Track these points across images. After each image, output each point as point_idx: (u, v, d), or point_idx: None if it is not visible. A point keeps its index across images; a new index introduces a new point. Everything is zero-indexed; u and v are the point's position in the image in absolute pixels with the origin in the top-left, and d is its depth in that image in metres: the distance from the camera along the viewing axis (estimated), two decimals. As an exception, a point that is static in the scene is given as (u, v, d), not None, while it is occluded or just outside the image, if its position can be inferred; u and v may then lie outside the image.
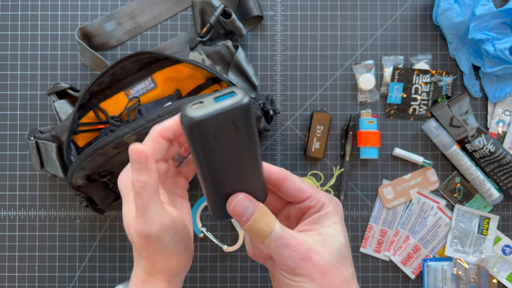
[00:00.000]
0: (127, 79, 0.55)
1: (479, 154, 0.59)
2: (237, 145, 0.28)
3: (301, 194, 0.34)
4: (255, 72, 0.57)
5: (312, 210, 0.34)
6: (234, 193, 0.31)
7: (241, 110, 0.26)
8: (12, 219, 0.61)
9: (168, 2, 0.61)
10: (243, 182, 0.30)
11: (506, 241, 0.61)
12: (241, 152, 0.28)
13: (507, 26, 0.57)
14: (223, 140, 0.27)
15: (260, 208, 0.31)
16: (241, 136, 0.27)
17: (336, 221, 0.33)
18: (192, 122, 0.25)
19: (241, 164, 0.29)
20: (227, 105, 0.26)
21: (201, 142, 0.26)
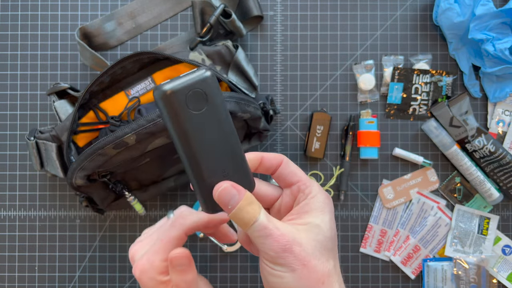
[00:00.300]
0: (127, 79, 0.55)
1: (479, 154, 0.59)
2: (211, 121, 0.30)
3: (293, 176, 0.35)
4: (255, 72, 0.57)
5: (300, 195, 0.34)
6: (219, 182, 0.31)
7: (205, 80, 0.29)
8: (12, 219, 0.61)
9: (168, 2, 0.61)
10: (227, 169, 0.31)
11: (506, 241, 0.61)
12: (217, 130, 0.30)
13: (507, 26, 0.57)
14: (196, 108, 0.29)
15: (245, 197, 0.31)
16: (213, 109, 0.30)
17: (323, 211, 0.33)
18: (165, 92, 0.28)
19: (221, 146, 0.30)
20: (192, 76, 0.29)
21: (176, 111, 0.29)
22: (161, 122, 0.46)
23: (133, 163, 0.52)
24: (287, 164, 0.35)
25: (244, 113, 0.51)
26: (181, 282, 0.35)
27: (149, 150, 0.49)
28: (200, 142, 0.30)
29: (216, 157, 0.31)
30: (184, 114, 0.29)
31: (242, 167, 0.32)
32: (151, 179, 0.57)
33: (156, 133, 0.47)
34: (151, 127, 0.46)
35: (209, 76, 0.29)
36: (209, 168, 0.31)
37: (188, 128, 0.29)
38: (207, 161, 0.30)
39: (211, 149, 0.30)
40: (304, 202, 0.34)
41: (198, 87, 0.29)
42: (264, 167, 0.35)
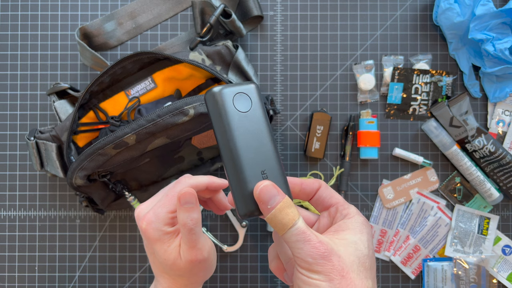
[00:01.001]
0: (127, 79, 0.55)
1: (479, 154, 0.59)
2: (253, 123, 0.33)
3: (331, 199, 0.36)
4: (255, 72, 0.57)
5: (338, 215, 0.35)
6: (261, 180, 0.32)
7: (250, 87, 0.33)
8: (12, 219, 0.61)
9: (168, 2, 0.61)
10: (266, 171, 0.32)
11: (506, 241, 0.61)
12: (258, 133, 0.32)
13: (507, 26, 0.57)
14: (241, 108, 0.32)
15: (286, 199, 0.31)
16: (255, 114, 0.33)
17: (361, 231, 0.33)
18: (215, 91, 0.32)
19: (261, 149, 0.32)
20: (239, 84, 0.33)
21: (223, 107, 0.32)
22: (161, 122, 0.46)
23: (133, 163, 0.52)
24: (325, 188, 0.36)
25: None
26: (188, 220, 0.36)
27: (149, 150, 0.49)
28: (243, 140, 0.32)
29: (256, 157, 0.32)
30: (231, 111, 0.32)
31: (280, 174, 0.33)
32: (151, 179, 0.57)
33: (156, 133, 0.47)
34: (151, 127, 0.46)
35: (254, 86, 0.34)
36: (249, 166, 0.32)
37: (232, 124, 0.32)
38: (247, 159, 0.32)
39: (252, 149, 0.32)
40: (342, 221, 0.34)
41: (243, 91, 0.33)
42: (305, 192, 0.36)
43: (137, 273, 0.61)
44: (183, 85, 0.56)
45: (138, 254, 0.61)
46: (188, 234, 0.37)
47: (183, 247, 0.38)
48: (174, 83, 0.55)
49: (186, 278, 0.40)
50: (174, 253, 0.38)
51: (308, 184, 0.36)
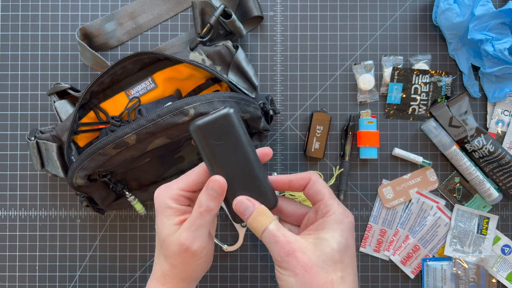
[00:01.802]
0: (128, 79, 0.55)
1: (478, 154, 0.59)
2: (231, 149, 0.37)
3: (317, 195, 0.39)
4: (255, 72, 0.57)
5: (319, 213, 0.38)
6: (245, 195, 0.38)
7: (225, 116, 0.37)
8: (12, 219, 0.61)
9: (168, 2, 0.61)
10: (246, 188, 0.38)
11: (506, 241, 0.61)
12: (236, 157, 0.37)
13: (506, 27, 0.58)
14: (217, 139, 0.37)
15: (259, 209, 0.37)
16: (232, 140, 0.37)
17: (334, 229, 0.36)
18: (194, 127, 0.37)
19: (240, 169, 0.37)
20: (215, 114, 0.37)
21: (201, 141, 0.37)
22: (161, 122, 0.47)
23: (133, 163, 0.53)
24: (314, 183, 0.39)
25: (244, 113, 0.51)
26: (204, 203, 0.37)
27: (149, 150, 0.49)
28: (222, 166, 0.37)
29: (235, 178, 0.37)
30: (207, 144, 0.37)
31: (261, 186, 0.38)
32: (151, 179, 0.57)
33: (156, 133, 0.47)
34: (151, 127, 0.46)
35: (229, 113, 0.37)
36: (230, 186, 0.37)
37: (210, 155, 0.37)
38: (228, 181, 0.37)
39: (231, 172, 0.37)
40: (321, 220, 0.37)
41: (218, 123, 0.37)
42: (294, 188, 0.40)
43: (138, 273, 0.61)
44: (183, 85, 0.56)
45: (139, 253, 0.61)
46: (196, 216, 0.37)
47: (183, 227, 0.37)
48: (174, 83, 0.55)
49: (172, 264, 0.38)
50: (169, 229, 0.38)
51: (297, 181, 0.40)
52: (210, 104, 0.48)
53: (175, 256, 0.38)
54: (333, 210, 0.37)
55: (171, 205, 0.38)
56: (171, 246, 0.38)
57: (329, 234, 0.36)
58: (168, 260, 0.39)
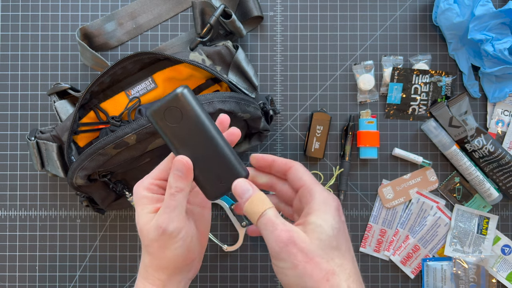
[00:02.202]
0: (128, 79, 0.55)
1: (478, 154, 0.59)
2: (190, 129, 0.36)
3: (299, 181, 0.38)
4: (255, 72, 0.57)
5: (304, 200, 0.37)
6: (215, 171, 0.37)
7: (176, 97, 0.36)
8: (12, 219, 0.61)
9: (169, 2, 0.61)
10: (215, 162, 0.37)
11: (506, 241, 0.61)
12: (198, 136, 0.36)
13: (506, 27, 0.58)
14: (173, 122, 0.36)
15: (258, 193, 0.35)
16: (189, 120, 0.36)
17: (325, 211, 0.35)
18: (149, 113, 0.36)
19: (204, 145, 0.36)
20: (167, 96, 0.36)
21: (158, 126, 0.36)
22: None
23: (133, 163, 0.53)
24: (296, 171, 0.38)
25: (244, 113, 0.51)
26: (173, 185, 0.36)
27: (149, 150, 0.49)
28: (184, 147, 0.36)
29: (200, 156, 0.36)
30: (166, 127, 0.36)
31: (228, 160, 0.37)
32: (152, 179, 0.57)
33: (157, 133, 0.47)
34: (152, 127, 0.47)
35: (179, 92, 0.36)
36: (197, 165, 0.36)
37: (172, 138, 0.36)
38: (193, 159, 0.36)
39: (195, 150, 0.36)
40: (308, 206, 0.36)
41: (173, 105, 0.36)
42: (275, 169, 0.40)
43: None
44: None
45: (139, 253, 0.61)
46: (168, 198, 0.36)
47: (159, 212, 0.37)
48: (174, 83, 0.55)
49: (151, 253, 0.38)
50: (145, 218, 0.37)
51: (280, 163, 0.39)
52: (210, 104, 0.48)
53: (153, 242, 0.37)
54: (317, 193, 0.36)
55: (145, 195, 0.38)
56: (149, 233, 0.37)
57: (320, 218, 0.34)
58: (147, 249, 0.38)
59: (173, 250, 0.37)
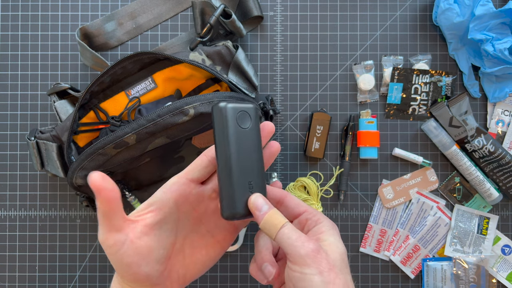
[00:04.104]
0: (128, 79, 0.55)
1: (478, 154, 0.59)
2: (249, 139, 0.37)
3: (299, 208, 0.39)
4: (255, 72, 0.57)
5: (309, 222, 0.38)
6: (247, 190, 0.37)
7: (252, 108, 0.37)
8: (12, 219, 0.61)
9: (169, 2, 0.61)
10: (252, 181, 0.37)
11: (506, 241, 0.61)
12: (251, 147, 0.37)
13: (506, 26, 0.58)
14: (242, 125, 0.36)
15: (274, 209, 0.36)
16: (252, 131, 0.37)
17: (334, 233, 0.37)
18: (222, 106, 0.36)
19: (251, 161, 0.36)
20: (243, 103, 0.37)
21: (227, 122, 0.36)
22: (161, 122, 0.47)
23: (133, 163, 0.53)
24: (292, 198, 0.39)
25: None
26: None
27: (149, 150, 0.49)
28: (238, 153, 0.36)
29: (246, 169, 0.36)
30: (233, 126, 0.36)
31: (262, 184, 0.37)
32: (151, 179, 0.57)
33: (156, 133, 0.47)
34: (151, 127, 0.47)
35: (254, 106, 0.37)
36: (239, 176, 0.36)
37: (233, 138, 0.36)
38: (239, 169, 0.36)
39: (244, 161, 0.36)
40: (316, 227, 0.37)
41: (246, 111, 0.37)
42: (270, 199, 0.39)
43: (137, 273, 0.61)
44: (183, 85, 0.56)
45: (138, 253, 0.61)
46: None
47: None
48: (174, 83, 0.55)
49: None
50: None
51: (272, 192, 0.40)
52: (210, 104, 0.48)
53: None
54: (322, 217, 0.38)
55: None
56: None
57: (332, 237, 0.36)
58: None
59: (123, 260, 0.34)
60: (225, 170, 0.36)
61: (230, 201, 0.36)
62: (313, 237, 0.36)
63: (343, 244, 0.36)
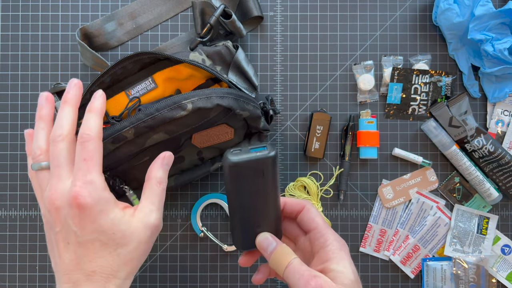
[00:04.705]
0: (128, 79, 0.55)
1: (478, 154, 0.59)
2: (262, 189, 0.36)
3: (311, 223, 0.39)
4: (255, 72, 0.57)
5: (316, 243, 0.38)
6: (258, 230, 0.38)
7: (268, 161, 0.35)
8: (13, 218, 0.61)
9: (169, 2, 0.61)
10: (261, 223, 0.38)
11: (505, 240, 0.61)
12: (265, 195, 0.37)
13: (506, 27, 0.58)
14: (251, 182, 0.35)
15: (282, 246, 0.37)
16: (266, 181, 0.36)
17: (343, 257, 0.36)
18: (231, 164, 0.34)
19: (262, 206, 0.37)
20: (258, 155, 0.34)
21: (234, 180, 0.35)
22: (159, 116, 0.47)
23: (132, 161, 0.53)
24: (308, 211, 0.40)
25: (243, 111, 0.51)
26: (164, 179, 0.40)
27: (148, 146, 0.49)
28: (247, 203, 0.37)
29: (256, 212, 0.37)
30: (240, 184, 0.36)
31: (275, 222, 0.39)
32: (152, 179, 0.57)
33: (155, 127, 0.47)
34: (149, 121, 0.47)
35: (271, 156, 0.35)
36: (248, 218, 0.37)
37: (240, 194, 0.36)
38: (247, 213, 0.37)
39: (253, 208, 0.37)
40: (323, 252, 0.37)
41: (258, 166, 0.35)
42: (286, 212, 0.41)
43: (138, 273, 0.61)
44: (183, 85, 0.56)
45: (139, 253, 0.61)
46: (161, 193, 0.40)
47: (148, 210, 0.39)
48: (174, 83, 0.55)
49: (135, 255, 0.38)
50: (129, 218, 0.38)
51: (291, 204, 0.40)
52: (208, 99, 0.48)
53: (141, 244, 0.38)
54: (331, 239, 0.37)
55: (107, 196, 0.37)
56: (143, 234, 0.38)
57: (340, 265, 0.36)
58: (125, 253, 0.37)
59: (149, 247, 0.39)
60: (233, 215, 0.38)
61: (239, 238, 0.39)
62: (319, 265, 0.37)
63: (352, 269, 0.36)
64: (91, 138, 0.37)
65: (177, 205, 0.61)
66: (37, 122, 0.39)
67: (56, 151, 0.37)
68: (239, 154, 0.34)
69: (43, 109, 0.40)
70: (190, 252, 0.61)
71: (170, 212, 0.61)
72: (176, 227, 0.61)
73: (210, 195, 0.60)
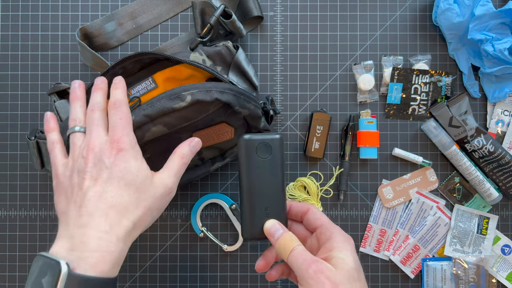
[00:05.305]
0: (128, 79, 0.55)
1: (478, 154, 0.59)
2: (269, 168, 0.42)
3: (316, 221, 0.42)
4: (255, 72, 0.57)
5: (322, 237, 0.41)
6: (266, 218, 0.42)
7: (275, 140, 0.43)
8: (12, 218, 0.61)
9: (169, 2, 0.61)
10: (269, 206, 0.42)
11: (505, 240, 0.61)
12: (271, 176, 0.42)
13: (506, 27, 0.58)
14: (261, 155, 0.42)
15: (288, 233, 0.40)
16: (273, 161, 0.42)
17: (346, 248, 0.39)
18: (245, 138, 0.43)
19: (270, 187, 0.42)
20: (267, 136, 0.43)
21: (247, 152, 0.42)
22: (158, 105, 0.47)
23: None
24: (313, 212, 0.43)
25: (242, 109, 0.51)
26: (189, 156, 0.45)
27: (147, 139, 0.49)
28: (257, 180, 0.42)
29: (264, 196, 0.42)
30: (252, 156, 0.42)
31: (281, 207, 0.43)
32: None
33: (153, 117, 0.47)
34: (148, 109, 0.47)
35: (278, 138, 0.43)
36: (258, 203, 0.42)
37: (251, 167, 0.42)
38: (257, 196, 0.42)
39: (263, 187, 0.42)
40: (329, 242, 0.40)
41: (267, 142, 0.42)
42: (292, 213, 0.44)
43: (138, 273, 0.61)
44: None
45: (139, 253, 0.61)
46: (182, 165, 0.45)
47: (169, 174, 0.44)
48: (174, 83, 0.55)
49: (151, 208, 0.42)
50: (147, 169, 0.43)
51: (296, 206, 0.44)
52: (207, 93, 0.48)
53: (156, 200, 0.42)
54: (337, 232, 0.40)
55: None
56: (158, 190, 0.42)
57: (342, 253, 0.38)
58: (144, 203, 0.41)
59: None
60: (244, 198, 0.42)
61: (248, 226, 0.42)
62: (323, 254, 0.39)
63: (354, 258, 0.38)
64: (122, 103, 0.43)
65: (177, 205, 0.61)
66: (73, 101, 0.46)
67: (94, 116, 0.43)
68: (252, 136, 0.42)
69: (78, 91, 0.46)
70: (190, 252, 0.61)
71: (170, 212, 0.61)
72: (176, 227, 0.61)
73: (210, 195, 0.60)
